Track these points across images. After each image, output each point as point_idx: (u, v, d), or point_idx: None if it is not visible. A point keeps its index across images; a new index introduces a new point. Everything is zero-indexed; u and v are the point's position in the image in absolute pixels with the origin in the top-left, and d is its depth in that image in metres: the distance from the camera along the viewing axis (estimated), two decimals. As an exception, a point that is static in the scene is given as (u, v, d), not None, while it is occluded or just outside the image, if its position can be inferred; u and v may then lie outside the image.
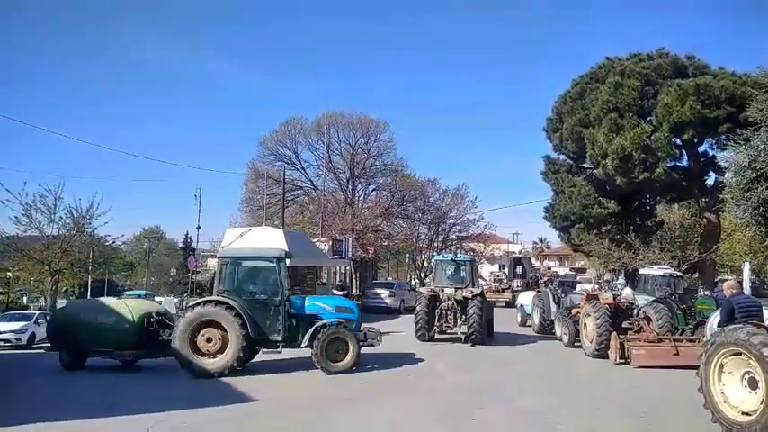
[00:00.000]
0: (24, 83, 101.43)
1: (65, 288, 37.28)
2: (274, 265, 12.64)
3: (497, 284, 39.97)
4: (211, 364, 11.63)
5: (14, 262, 32.95)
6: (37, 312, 24.70)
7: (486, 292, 33.63)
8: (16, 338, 20.91)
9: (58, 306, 31.07)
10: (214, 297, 12.15)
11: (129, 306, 13.24)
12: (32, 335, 21.52)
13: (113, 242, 37.49)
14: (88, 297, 42.07)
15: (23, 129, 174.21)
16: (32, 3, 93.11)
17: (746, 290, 16.69)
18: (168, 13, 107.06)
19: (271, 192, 43.80)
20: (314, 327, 12.18)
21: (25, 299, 39.90)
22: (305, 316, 12.54)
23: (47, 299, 32.32)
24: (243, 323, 11.70)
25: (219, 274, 12.56)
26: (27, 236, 31.32)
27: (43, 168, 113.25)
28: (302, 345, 12.24)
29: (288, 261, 13.40)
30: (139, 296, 33.71)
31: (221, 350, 11.71)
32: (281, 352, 12.47)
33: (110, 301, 15.49)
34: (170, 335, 12.16)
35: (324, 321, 12.33)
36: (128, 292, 41.04)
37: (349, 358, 12.14)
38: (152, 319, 12.88)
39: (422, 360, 13.97)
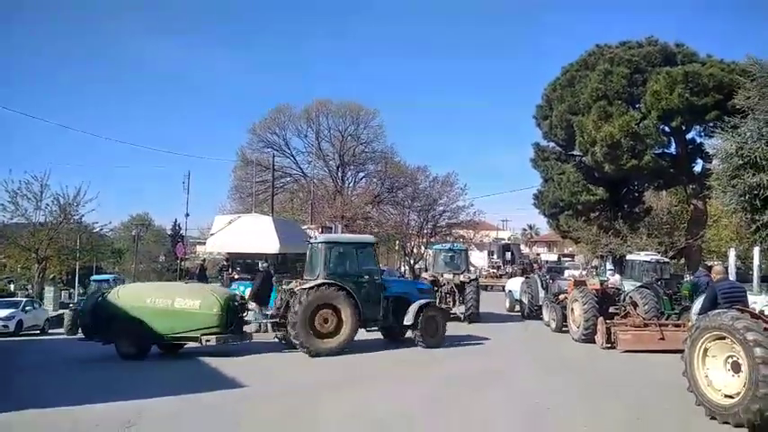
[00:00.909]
0: (24, 83, 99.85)
1: (52, 275, 36.93)
2: (371, 249, 13.74)
3: (495, 270, 40.50)
4: (328, 343, 12.33)
5: (1, 249, 32.66)
6: (24, 300, 24.46)
7: (486, 278, 34.43)
8: (3, 326, 20.78)
9: (47, 294, 30.91)
10: (328, 280, 12.62)
11: (209, 290, 13.40)
12: (20, 322, 21.38)
13: (101, 229, 37.25)
14: (76, 285, 41.73)
15: (8, 115, 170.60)
16: (32, 3, 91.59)
17: (732, 275, 16.88)
18: (166, 10, 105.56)
19: (260, 179, 43.63)
20: (416, 307, 13.36)
21: (12, 286, 39.55)
22: (397, 297, 13.68)
23: (34, 286, 32.07)
24: (356, 305, 12.63)
25: (325, 258, 12.96)
26: (13, 223, 31.09)
27: (29, 155, 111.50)
28: (405, 323, 13.37)
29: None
30: (107, 281, 33.13)
31: (336, 331, 12.44)
32: (378, 330, 13.90)
33: (177, 285, 15.72)
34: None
35: (421, 302, 13.53)
36: (93, 278, 39.75)
37: (441, 334, 13.65)
38: (235, 303, 13.05)
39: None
